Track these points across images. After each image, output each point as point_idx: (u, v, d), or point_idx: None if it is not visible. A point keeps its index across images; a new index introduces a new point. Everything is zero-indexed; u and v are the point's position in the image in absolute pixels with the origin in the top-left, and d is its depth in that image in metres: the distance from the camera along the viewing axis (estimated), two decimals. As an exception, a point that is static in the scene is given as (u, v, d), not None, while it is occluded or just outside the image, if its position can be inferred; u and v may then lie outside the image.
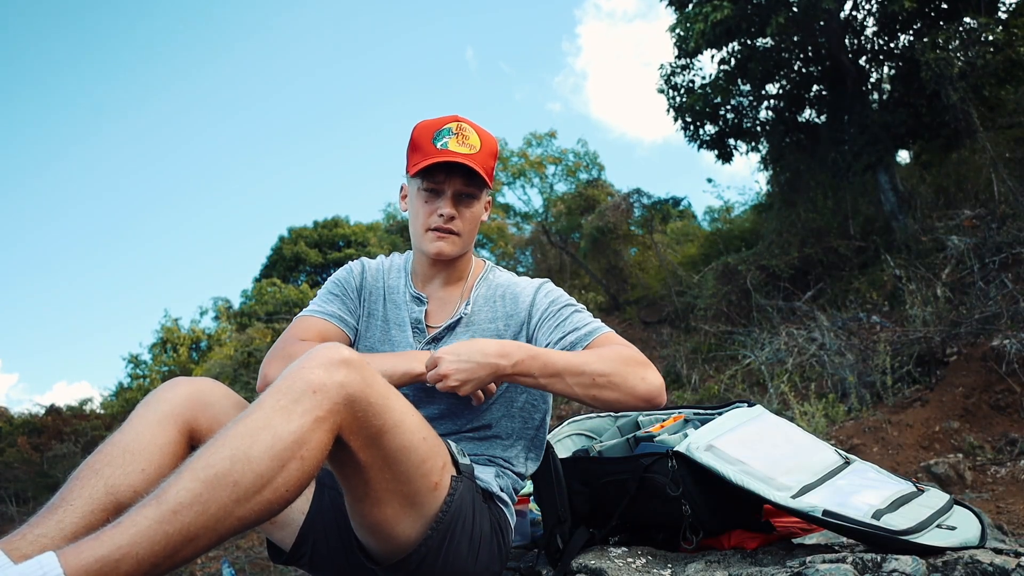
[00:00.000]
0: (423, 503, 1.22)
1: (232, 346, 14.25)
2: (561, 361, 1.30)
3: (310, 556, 1.38)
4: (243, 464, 0.97)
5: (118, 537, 0.90)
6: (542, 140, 11.98)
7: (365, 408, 1.09)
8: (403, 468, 1.17)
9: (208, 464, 0.96)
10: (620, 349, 1.36)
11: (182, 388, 1.28)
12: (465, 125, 1.45)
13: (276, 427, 1.01)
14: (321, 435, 1.04)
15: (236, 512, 0.96)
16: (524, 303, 1.49)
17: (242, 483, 0.97)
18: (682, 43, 7.52)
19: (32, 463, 12.75)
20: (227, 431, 1.01)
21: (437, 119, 1.47)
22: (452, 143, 1.42)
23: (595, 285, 11.03)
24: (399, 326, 1.52)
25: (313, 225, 21.25)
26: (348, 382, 1.07)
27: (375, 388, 1.11)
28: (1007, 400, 3.98)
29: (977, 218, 5.85)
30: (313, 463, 1.04)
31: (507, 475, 1.46)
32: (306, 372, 1.06)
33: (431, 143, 1.42)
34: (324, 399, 1.04)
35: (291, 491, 1.02)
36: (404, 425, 1.16)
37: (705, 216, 12.98)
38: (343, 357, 1.09)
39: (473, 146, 1.44)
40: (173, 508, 0.93)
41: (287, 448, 1.00)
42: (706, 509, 1.44)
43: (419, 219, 1.47)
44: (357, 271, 1.59)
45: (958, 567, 1.16)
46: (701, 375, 6.79)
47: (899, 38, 7.32)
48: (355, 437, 1.10)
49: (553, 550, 1.51)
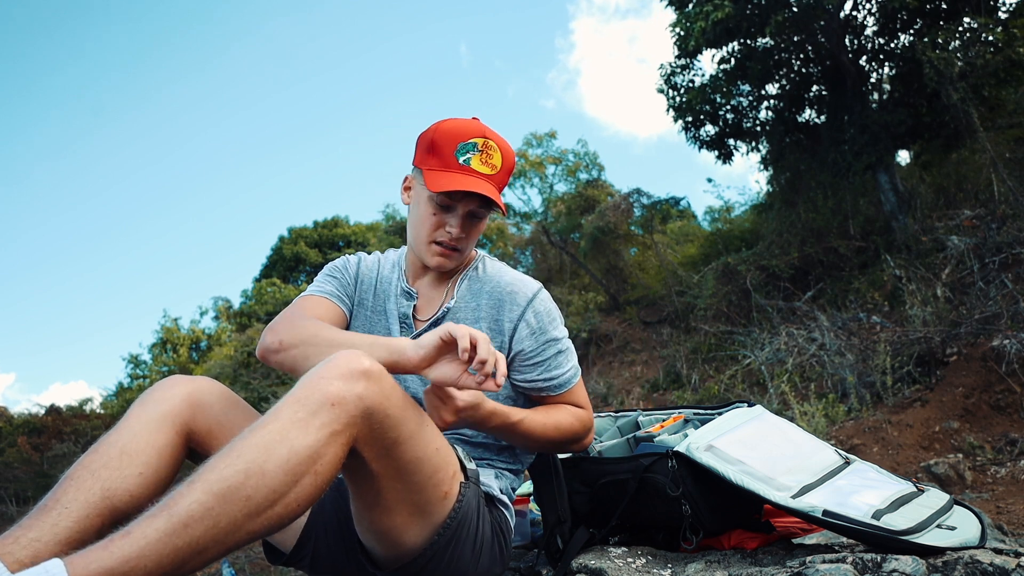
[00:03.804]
0: (432, 512, 1.21)
1: (232, 346, 14.25)
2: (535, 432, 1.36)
3: (311, 558, 1.37)
4: (257, 479, 0.95)
5: (127, 548, 0.88)
6: (542, 140, 11.98)
7: (382, 420, 1.07)
8: (415, 479, 1.16)
9: (222, 477, 0.94)
10: (572, 422, 1.42)
11: (179, 388, 1.26)
12: (491, 143, 1.39)
13: (292, 441, 0.98)
14: (336, 449, 1.02)
15: (246, 526, 0.95)
16: (512, 314, 1.42)
17: (255, 498, 0.95)
18: (682, 42, 7.52)
19: (32, 463, 12.75)
20: (242, 441, 0.99)
21: (464, 125, 1.40)
22: (475, 161, 1.37)
23: (595, 285, 11.03)
24: (387, 318, 1.50)
25: (313, 225, 21.26)
26: (367, 395, 1.05)
27: (393, 400, 1.09)
28: (1007, 400, 3.98)
29: (977, 218, 5.85)
30: (327, 478, 1.02)
31: (505, 476, 1.46)
32: (325, 383, 1.03)
33: (453, 155, 1.36)
34: (342, 413, 1.02)
35: (302, 506, 1.00)
36: (419, 437, 1.14)
37: (705, 216, 13.00)
38: (363, 368, 1.06)
39: (495, 166, 1.39)
40: (184, 521, 0.91)
41: (302, 463, 0.98)
42: (706, 509, 1.44)
43: (424, 227, 1.42)
44: (353, 261, 1.58)
45: (958, 567, 1.16)
46: (701, 375, 6.79)
47: (899, 38, 7.31)
48: (369, 448, 1.09)
49: (553, 550, 1.51)
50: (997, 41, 6.19)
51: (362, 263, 1.58)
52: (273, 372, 11.63)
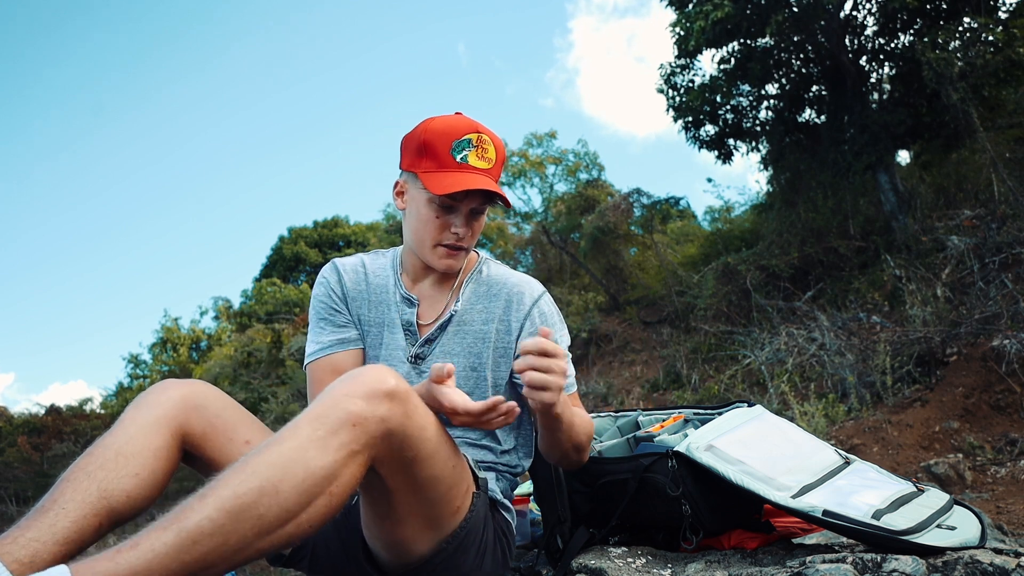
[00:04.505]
0: (443, 525, 1.20)
1: (232, 346, 14.26)
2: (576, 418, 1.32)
3: (310, 559, 1.37)
4: (271, 498, 0.93)
5: (134, 561, 0.87)
6: (542, 140, 11.99)
7: (401, 441, 1.06)
8: (430, 495, 1.15)
9: (235, 494, 0.92)
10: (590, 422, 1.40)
11: (174, 391, 1.25)
12: (485, 137, 1.37)
13: (309, 460, 0.96)
14: (354, 469, 1.01)
15: (256, 544, 0.94)
16: (520, 313, 1.42)
17: (267, 517, 0.93)
18: (682, 42, 7.52)
19: (32, 463, 12.76)
20: (258, 457, 0.97)
21: (454, 122, 1.37)
22: (472, 157, 1.34)
23: (595, 285, 11.03)
24: (390, 329, 1.46)
25: (313, 225, 21.26)
26: (390, 416, 1.03)
27: (415, 420, 1.07)
28: (1007, 400, 3.98)
29: (977, 218, 5.85)
30: (341, 499, 1.00)
31: (504, 478, 1.46)
32: (348, 401, 1.01)
33: (449, 154, 1.33)
34: (362, 433, 1.00)
35: (314, 526, 0.99)
36: (437, 456, 1.13)
37: (705, 216, 12.99)
38: (388, 389, 1.03)
39: (491, 160, 1.37)
40: (194, 537, 0.89)
41: (317, 484, 0.96)
42: (706, 509, 1.44)
43: (427, 231, 1.39)
44: (334, 280, 1.49)
45: (958, 567, 1.16)
46: (701, 375, 6.79)
47: (899, 38, 7.31)
48: (386, 466, 1.08)
49: (553, 550, 1.51)
50: (997, 41, 6.19)
51: (344, 278, 1.49)
52: (273, 372, 11.63)
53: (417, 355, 1.44)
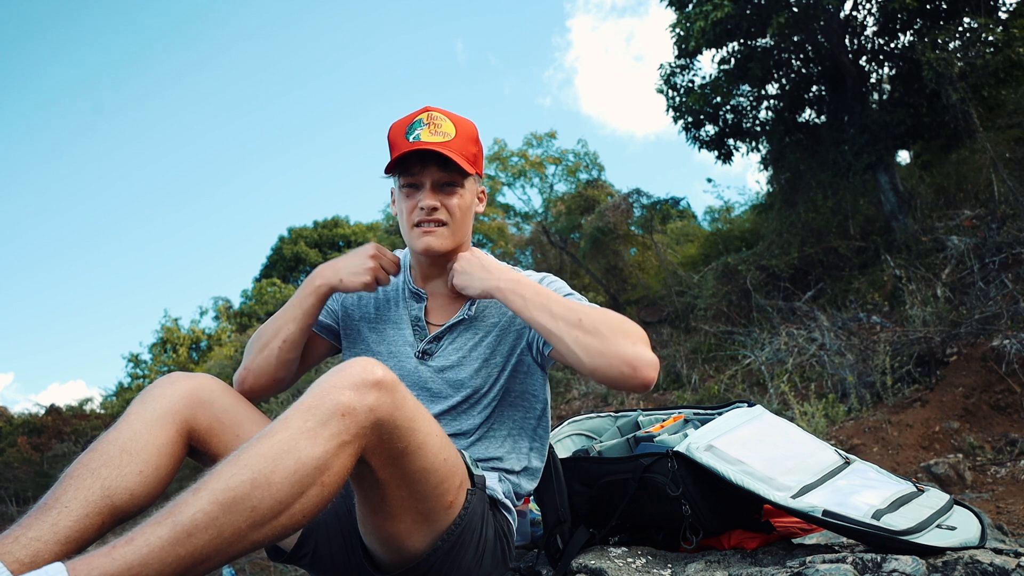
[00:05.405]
0: (437, 519, 1.20)
1: (232, 346, 14.27)
2: (555, 295, 1.29)
3: (311, 556, 1.37)
4: (263, 489, 0.94)
5: (130, 555, 0.88)
6: (542, 140, 11.99)
7: (391, 431, 1.06)
8: (421, 488, 1.15)
9: (228, 487, 0.93)
10: (622, 317, 1.29)
11: (180, 385, 1.24)
12: (436, 114, 1.40)
13: (300, 451, 0.97)
14: (344, 459, 1.01)
15: (250, 536, 0.94)
16: None
17: (260, 508, 0.94)
18: (682, 43, 7.52)
19: (32, 463, 12.75)
20: (249, 449, 0.97)
21: (408, 115, 1.42)
22: (424, 134, 1.37)
23: (595, 285, 11.03)
24: (396, 324, 1.48)
25: (313, 225, 21.25)
26: (378, 406, 1.04)
27: (404, 411, 1.08)
28: (1007, 400, 3.98)
29: (977, 218, 5.85)
30: (333, 489, 1.01)
31: (507, 480, 1.45)
32: (336, 392, 1.02)
33: (404, 138, 1.38)
34: (352, 423, 1.01)
35: (307, 516, 1.00)
36: (427, 447, 1.13)
37: (705, 216, 13.00)
38: (376, 379, 1.05)
39: (447, 134, 1.38)
40: (188, 530, 0.90)
41: (309, 474, 0.97)
42: (706, 509, 1.44)
43: (403, 218, 1.43)
44: None
45: (958, 567, 1.16)
46: (701, 375, 6.79)
47: (899, 38, 7.31)
48: (377, 457, 1.08)
49: (553, 550, 1.51)
50: (997, 41, 6.19)
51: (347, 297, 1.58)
52: (273, 372, 11.59)
53: (424, 351, 1.44)
